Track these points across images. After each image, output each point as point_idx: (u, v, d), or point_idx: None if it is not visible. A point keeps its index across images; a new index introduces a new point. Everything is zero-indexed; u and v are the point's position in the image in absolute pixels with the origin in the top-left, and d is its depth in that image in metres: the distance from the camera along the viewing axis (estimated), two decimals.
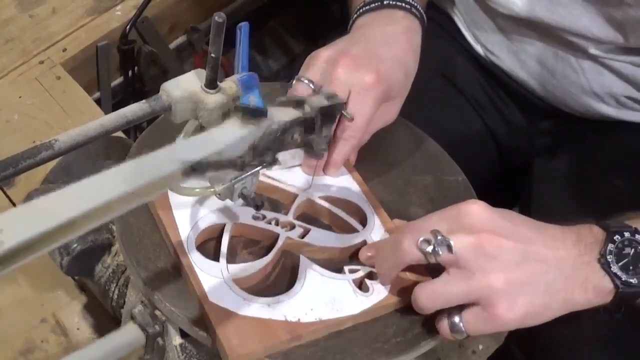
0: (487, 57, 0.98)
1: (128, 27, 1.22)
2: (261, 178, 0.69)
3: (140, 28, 1.26)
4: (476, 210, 0.60)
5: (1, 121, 1.05)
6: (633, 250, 0.61)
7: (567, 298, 0.61)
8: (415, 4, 0.80)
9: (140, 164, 0.46)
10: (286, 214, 0.70)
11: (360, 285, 0.66)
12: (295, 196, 0.71)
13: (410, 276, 0.65)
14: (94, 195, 0.42)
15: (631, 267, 0.61)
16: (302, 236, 0.68)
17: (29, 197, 0.82)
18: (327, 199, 0.72)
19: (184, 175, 0.48)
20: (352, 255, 0.69)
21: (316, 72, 0.72)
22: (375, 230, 0.70)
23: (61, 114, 1.07)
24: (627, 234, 0.62)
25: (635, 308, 0.63)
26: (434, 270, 0.62)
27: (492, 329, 0.59)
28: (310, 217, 0.71)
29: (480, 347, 0.68)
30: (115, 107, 0.59)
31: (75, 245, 0.77)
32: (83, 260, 0.78)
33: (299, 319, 0.62)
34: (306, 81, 0.71)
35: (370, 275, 0.67)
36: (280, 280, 0.67)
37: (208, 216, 0.68)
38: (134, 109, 0.54)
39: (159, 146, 0.50)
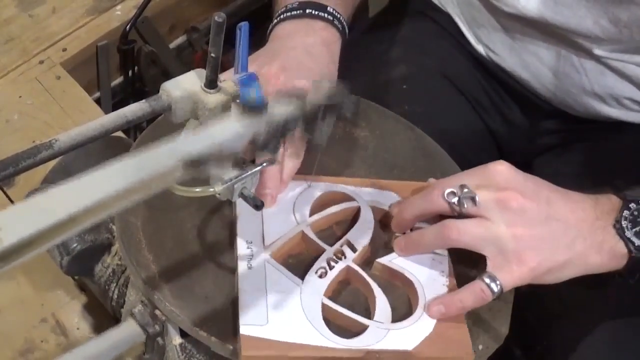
0: (488, 57, 0.98)
1: (128, 27, 1.21)
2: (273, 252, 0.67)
3: (140, 28, 1.26)
4: (503, 169, 0.64)
5: (1, 121, 1.05)
6: None
7: (584, 259, 0.64)
8: (338, 16, 0.79)
9: (139, 159, 0.46)
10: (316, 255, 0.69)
11: None
12: (300, 234, 0.69)
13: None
14: (94, 191, 0.42)
15: None
16: (354, 249, 0.68)
17: (28, 197, 0.81)
18: (316, 209, 0.71)
19: (184, 170, 0.47)
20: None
21: None
22: (368, 192, 0.72)
23: (61, 114, 1.06)
24: None
25: None
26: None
27: (518, 279, 0.63)
28: (327, 233, 0.71)
29: (480, 347, 0.68)
30: (115, 107, 0.59)
31: (75, 245, 0.77)
32: (83, 260, 0.78)
33: (447, 288, 0.66)
34: None
35: None
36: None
37: (308, 309, 0.63)
38: (134, 109, 0.54)
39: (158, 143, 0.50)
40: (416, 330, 0.64)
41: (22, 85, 1.09)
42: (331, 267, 0.67)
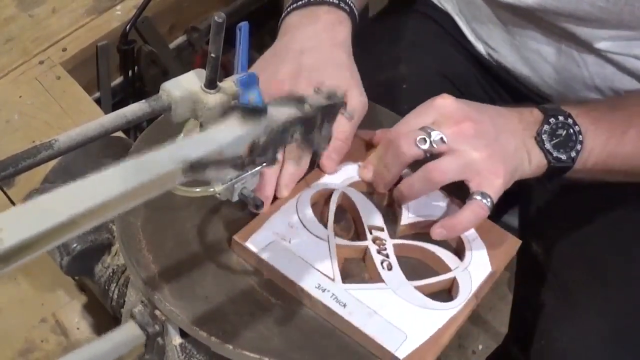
0: (488, 54, 0.98)
1: (128, 27, 1.21)
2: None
3: (140, 28, 1.26)
4: (448, 103, 0.70)
5: (1, 121, 1.05)
6: (565, 131, 0.72)
7: (522, 167, 0.72)
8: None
9: (139, 163, 0.46)
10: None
11: None
12: (335, 249, 0.69)
13: None
14: (94, 193, 0.42)
15: (562, 146, 0.72)
16: (381, 229, 0.70)
17: (28, 197, 0.82)
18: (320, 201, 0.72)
19: (184, 174, 0.47)
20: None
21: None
22: (338, 177, 0.74)
23: (61, 114, 1.06)
24: (561, 118, 0.73)
25: (563, 181, 0.76)
26: None
27: (499, 188, 0.69)
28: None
29: (480, 347, 0.68)
30: (115, 107, 0.59)
31: (75, 245, 0.77)
32: (83, 260, 0.78)
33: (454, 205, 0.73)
34: None
35: None
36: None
37: (414, 300, 0.66)
38: (134, 109, 0.54)
39: (159, 146, 0.50)
40: (478, 254, 0.70)
41: (22, 85, 1.09)
42: (386, 255, 0.68)
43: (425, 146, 0.68)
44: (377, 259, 0.68)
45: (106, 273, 0.79)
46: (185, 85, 0.56)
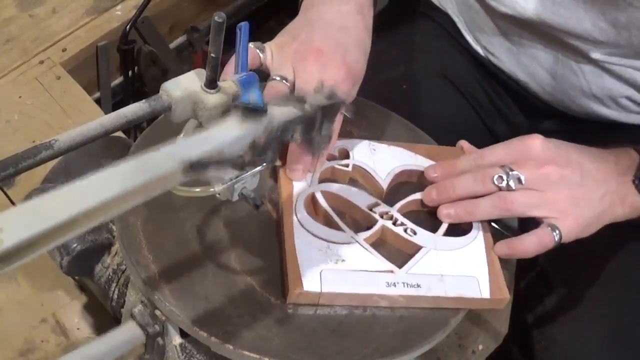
0: (487, 58, 0.98)
1: (128, 27, 1.22)
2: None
3: (140, 28, 1.26)
4: (537, 143, 0.70)
5: (1, 121, 1.05)
6: None
7: (612, 211, 0.71)
8: None
9: (139, 163, 0.46)
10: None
11: None
12: (367, 245, 0.69)
13: None
14: (94, 194, 0.42)
15: None
16: (376, 204, 0.71)
17: (29, 197, 0.82)
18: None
19: (184, 174, 0.47)
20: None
21: (289, 69, 0.72)
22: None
23: (61, 114, 1.07)
24: None
25: None
26: None
27: (573, 232, 0.69)
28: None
29: (480, 347, 0.69)
30: (115, 107, 0.59)
31: (75, 245, 0.77)
32: (83, 260, 0.78)
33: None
34: (279, 79, 0.71)
35: None
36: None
37: (448, 245, 0.69)
38: (134, 109, 0.54)
39: (159, 146, 0.50)
40: None
41: (22, 85, 1.09)
42: (402, 223, 0.70)
43: (502, 184, 0.69)
44: (399, 230, 0.69)
45: (106, 273, 0.79)
46: (185, 85, 0.56)
